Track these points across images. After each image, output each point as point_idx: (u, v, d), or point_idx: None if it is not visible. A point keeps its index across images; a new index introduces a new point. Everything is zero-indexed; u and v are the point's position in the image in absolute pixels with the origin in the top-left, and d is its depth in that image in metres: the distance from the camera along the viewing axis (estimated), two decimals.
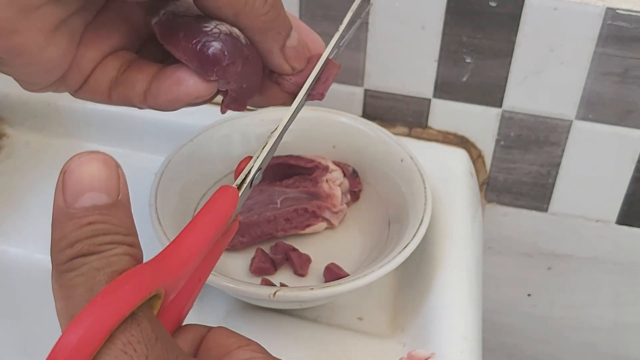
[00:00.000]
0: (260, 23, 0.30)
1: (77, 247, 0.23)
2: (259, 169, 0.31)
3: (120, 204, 0.24)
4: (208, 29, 0.30)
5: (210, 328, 0.28)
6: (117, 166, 0.24)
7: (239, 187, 0.30)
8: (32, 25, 0.27)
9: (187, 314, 0.29)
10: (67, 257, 0.23)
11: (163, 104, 0.32)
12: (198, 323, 0.28)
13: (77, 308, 0.22)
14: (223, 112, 0.34)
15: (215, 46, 0.30)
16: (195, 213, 0.48)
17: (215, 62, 0.30)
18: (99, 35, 0.31)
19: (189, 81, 0.31)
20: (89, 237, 0.23)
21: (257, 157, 0.31)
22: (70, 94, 0.32)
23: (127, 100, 0.32)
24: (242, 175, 0.30)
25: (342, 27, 0.34)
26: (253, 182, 0.31)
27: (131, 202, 0.26)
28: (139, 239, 0.26)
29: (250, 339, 0.27)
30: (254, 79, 0.33)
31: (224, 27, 0.31)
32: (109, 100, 0.32)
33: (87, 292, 0.22)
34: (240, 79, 0.32)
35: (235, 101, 0.34)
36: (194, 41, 0.30)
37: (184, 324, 0.28)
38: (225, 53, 0.30)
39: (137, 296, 0.22)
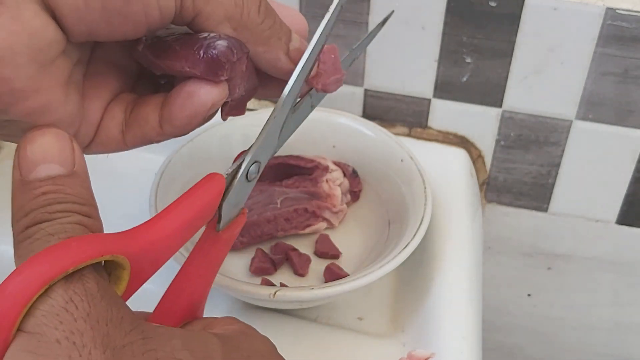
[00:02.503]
0: (260, 32, 0.30)
1: (31, 216, 0.23)
2: (255, 161, 0.31)
3: (75, 174, 0.24)
4: (203, 36, 0.30)
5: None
6: (71, 139, 0.25)
7: (232, 177, 0.30)
8: (52, 80, 0.26)
9: (201, 304, 0.29)
10: (23, 226, 0.23)
11: (181, 125, 0.31)
12: None
13: None
14: (224, 118, 0.34)
15: (220, 44, 0.30)
16: None
17: (225, 59, 0.30)
18: (97, 84, 0.31)
19: (200, 91, 0.30)
20: (43, 205, 0.23)
21: (251, 147, 0.31)
22: (84, 152, 0.31)
23: (144, 138, 0.31)
24: (233, 165, 0.30)
25: (328, 16, 0.34)
26: (249, 174, 0.31)
27: (131, 202, 0.26)
28: None
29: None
30: (253, 81, 0.33)
31: (219, 34, 0.31)
32: (125, 146, 0.32)
33: None
34: (247, 81, 0.32)
35: (234, 107, 0.33)
36: (195, 47, 0.30)
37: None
38: (233, 49, 0.30)
39: (82, 255, 0.22)
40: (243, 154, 0.31)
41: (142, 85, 0.34)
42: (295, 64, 0.32)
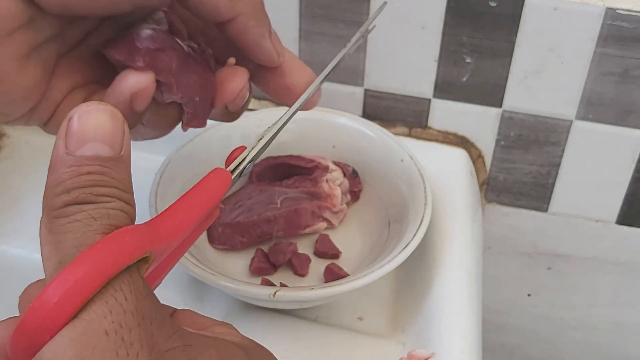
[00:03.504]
0: (257, 6, 0.32)
1: (73, 194, 0.22)
2: (252, 160, 0.31)
3: (121, 159, 0.24)
4: (139, 27, 0.31)
5: (175, 308, 0.27)
6: (124, 122, 0.24)
7: (233, 172, 0.30)
8: (4, 51, 0.26)
9: (156, 288, 0.28)
10: (62, 202, 0.22)
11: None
12: None
13: (67, 254, 0.21)
14: (184, 129, 0.35)
15: (143, 32, 0.30)
16: None
17: (142, 45, 0.30)
18: (73, 68, 0.31)
19: (123, 78, 0.30)
20: (88, 186, 0.22)
21: (253, 148, 0.31)
22: (41, 127, 0.31)
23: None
24: (235, 162, 0.31)
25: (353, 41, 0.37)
26: (243, 173, 0.31)
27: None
28: None
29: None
30: (206, 92, 0.33)
31: (163, 27, 0.32)
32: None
33: (79, 239, 0.21)
34: (187, 89, 0.32)
35: (194, 117, 0.34)
36: (129, 35, 0.30)
37: None
38: (154, 37, 0.30)
39: (134, 252, 0.21)
40: (239, 151, 0.31)
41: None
42: (275, 47, 0.33)
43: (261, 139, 0.32)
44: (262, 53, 0.33)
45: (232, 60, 0.35)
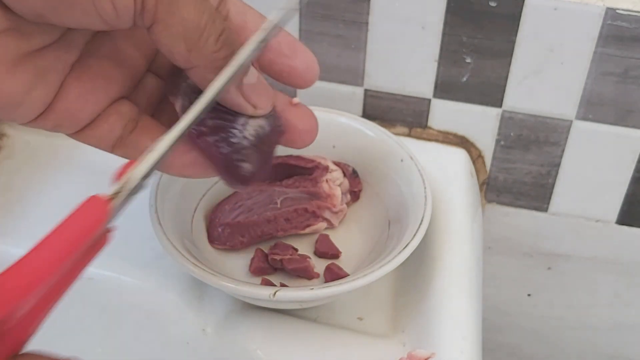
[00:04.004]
0: (213, 60, 0.29)
1: None
2: (146, 176, 0.26)
3: None
4: (236, 129, 0.31)
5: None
6: None
7: (114, 197, 0.25)
8: None
9: (29, 337, 0.25)
10: None
11: (176, 174, 0.32)
12: (197, 324, 0.27)
13: None
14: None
15: (244, 168, 0.31)
16: (194, 212, 0.48)
17: (244, 182, 0.31)
18: (89, 79, 0.30)
19: (208, 170, 0.32)
20: None
21: (141, 163, 0.26)
22: (72, 137, 0.32)
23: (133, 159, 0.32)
24: (119, 183, 0.25)
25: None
26: (134, 192, 0.26)
27: (130, 203, 0.26)
28: (139, 240, 0.25)
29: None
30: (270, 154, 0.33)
31: (251, 128, 0.31)
32: (112, 152, 0.32)
33: None
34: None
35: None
36: (221, 149, 0.31)
37: (25, 350, 0.25)
38: (253, 173, 0.31)
39: None
40: (128, 166, 0.26)
41: (146, 86, 0.33)
42: (248, 100, 0.31)
43: (151, 151, 0.27)
44: (233, 107, 0.31)
45: (295, 100, 0.35)
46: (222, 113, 0.31)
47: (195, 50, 0.28)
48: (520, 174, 0.57)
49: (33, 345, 0.26)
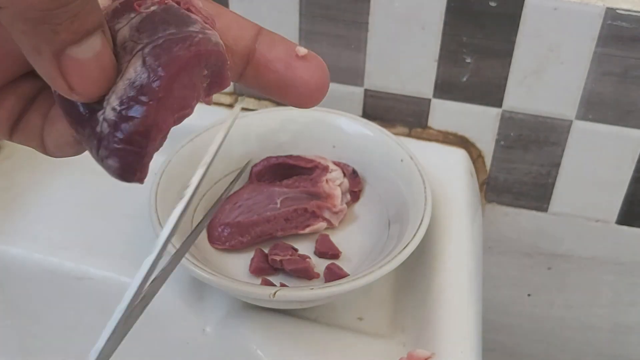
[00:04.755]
0: (26, 7, 0.20)
1: None
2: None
3: None
4: (98, 114, 0.23)
5: None
6: None
7: None
8: None
9: None
10: None
11: (65, 155, 0.26)
12: (197, 323, 0.27)
13: None
14: (207, 102, 0.27)
15: (112, 165, 0.24)
16: (194, 212, 0.48)
17: (123, 178, 0.25)
18: None
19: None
20: None
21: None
22: None
23: (31, 146, 0.26)
24: None
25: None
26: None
27: (130, 202, 0.25)
28: (139, 240, 0.25)
29: None
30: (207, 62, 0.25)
31: (115, 98, 0.23)
32: (10, 140, 0.26)
33: None
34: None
35: (212, 86, 0.26)
36: (92, 144, 0.24)
37: None
38: (125, 171, 0.24)
39: None
40: None
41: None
42: (65, 76, 0.22)
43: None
44: (43, 77, 0.23)
45: (301, 50, 0.27)
46: None
47: None
48: (520, 174, 0.57)
49: (33, 345, 0.26)
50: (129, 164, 0.23)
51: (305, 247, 0.48)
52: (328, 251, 0.48)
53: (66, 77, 0.22)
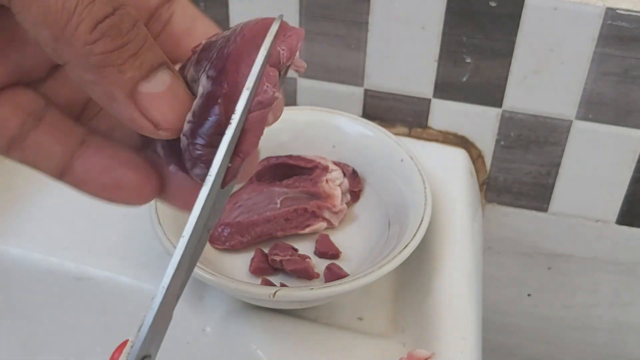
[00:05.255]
0: (87, 54, 0.21)
1: None
2: (144, 356, 0.23)
3: None
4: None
5: None
6: None
7: None
8: None
9: None
10: None
11: (89, 194, 0.24)
12: (197, 323, 0.26)
13: None
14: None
15: (199, 174, 0.23)
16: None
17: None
18: None
19: (142, 188, 0.24)
20: None
21: (138, 336, 0.23)
22: None
23: (36, 167, 0.25)
24: None
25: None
26: None
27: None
28: (139, 240, 0.25)
29: None
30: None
31: (188, 122, 0.23)
32: (5, 156, 0.25)
33: None
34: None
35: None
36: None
37: None
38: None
39: None
40: (122, 347, 0.24)
41: (60, 79, 0.25)
42: (146, 114, 0.22)
43: (142, 325, 0.23)
44: (123, 121, 0.23)
45: None
46: None
47: (62, 39, 0.21)
48: (520, 174, 0.57)
49: (33, 345, 0.26)
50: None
51: (305, 247, 0.48)
52: (328, 251, 0.48)
53: (147, 115, 0.22)
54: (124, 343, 0.23)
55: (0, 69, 0.24)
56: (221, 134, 0.22)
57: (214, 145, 0.22)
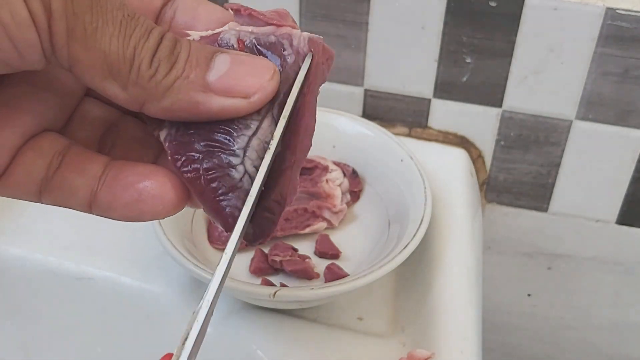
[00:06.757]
0: (155, 86, 0.22)
1: None
2: None
3: None
4: (234, 166, 0.24)
5: None
6: None
7: None
8: None
9: None
10: None
11: (120, 218, 0.24)
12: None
13: None
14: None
15: (247, 232, 0.25)
16: (194, 212, 0.48)
17: (251, 242, 0.26)
18: (11, 113, 0.24)
19: (163, 196, 0.24)
20: None
21: (179, 357, 0.23)
22: None
23: (67, 206, 0.25)
24: None
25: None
26: None
27: None
28: (139, 240, 0.25)
29: None
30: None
31: (253, 160, 0.24)
32: (40, 202, 0.25)
33: None
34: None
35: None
36: (220, 196, 0.24)
37: None
38: (257, 236, 0.25)
39: None
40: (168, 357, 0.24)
41: (86, 115, 0.26)
42: (227, 94, 0.23)
43: (187, 338, 0.23)
44: (209, 115, 0.24)
45: None
46: (210, 126, 0.24)
47: (131, 85, 0.22)
48: (520, 174, 0.57)
49: (33, 345, 0.26)
50: (262, 230, 0.25)
51: (305, 247, 0.48)
52: (328, 251, 0.48)
53: (232, 94, 0.23)
54: (167, 356, 0.24)
55: (27, 121, 0.24)
56: (281, 204, 0.25)
57: (270, 211, 0.25)
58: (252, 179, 0.24)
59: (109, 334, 0.48)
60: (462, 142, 0.57)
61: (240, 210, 0.24)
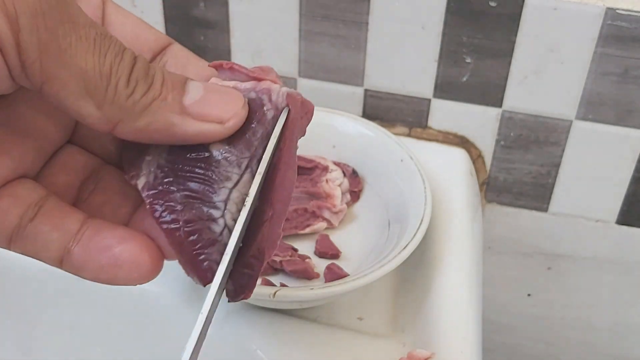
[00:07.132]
0: (132, 105, 0.22)
1: None
2: None
3: None
4: (215, 219, 0.24)
5: None
6: None
7: None
8: None
9: None
10: None
11: (90, 279, 0.24)
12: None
13: None
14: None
15: (228, 289, 0.25)
16: None
17: (232, 298, 0.26)
18: None
19: (140, 263, 0.24)
20: None
21: None
22: None
23: (37, 258, 0.24)
24: None
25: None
26: None
27: None
28: None
29: None
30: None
31: (233, 214, 0.24)
32: (9, 249, 0.25)
33: None
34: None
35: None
36: (199, 250, 0.24)
37: None
38: (237, 293, 0.25)
39: None
40: None
41: (66, 163, 0.26)
42: (203, 119, 0.23)
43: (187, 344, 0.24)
44: (184, 142, 0.24)
45: None
46: (187, 172, 0.24)
47: (107, 103, 0.22)
48: (520, 174, 0.57)
49: (32, 345, 0.26)
50: (243, 286, 0.25)
51: (305, 247, 0.48)
52: (328, 251, 0.48)
53: (208, 119, 0.23)
54: None
55: (3, 165, 0.23)
56: (260, 260, 0.24)
57: (248, 267, 0.25)
58: (231, 233, 0.24)
59: (109, 334, 0.48)
60: (462, 142, 0.57)
61: (218, 264, 0.24)
